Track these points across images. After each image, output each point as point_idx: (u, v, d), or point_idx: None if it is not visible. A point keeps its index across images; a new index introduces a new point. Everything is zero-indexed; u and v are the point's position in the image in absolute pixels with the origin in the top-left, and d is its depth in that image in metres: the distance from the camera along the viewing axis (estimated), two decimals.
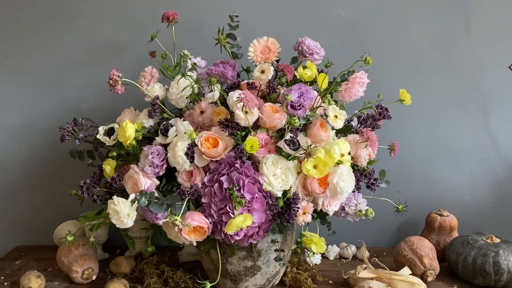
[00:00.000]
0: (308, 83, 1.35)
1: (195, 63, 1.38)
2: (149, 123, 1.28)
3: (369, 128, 1.29)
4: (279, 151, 1.14)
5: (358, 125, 1.30)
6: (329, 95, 1.29)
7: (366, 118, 1.29)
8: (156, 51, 1.39)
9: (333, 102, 1.30)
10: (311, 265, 1.51)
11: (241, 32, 1.38)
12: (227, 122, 1.12)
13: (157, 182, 1.15)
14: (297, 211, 1.07)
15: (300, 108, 1.15)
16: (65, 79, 1.69)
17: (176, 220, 1.03)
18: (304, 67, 1.36)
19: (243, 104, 1.04)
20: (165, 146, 1.16)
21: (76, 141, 1.26)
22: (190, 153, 1.10)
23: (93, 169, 1.27)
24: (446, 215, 1.54)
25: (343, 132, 1.31)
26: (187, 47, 1.39)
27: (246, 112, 1.11)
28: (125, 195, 1.13)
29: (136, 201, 1.03)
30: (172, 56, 1.42)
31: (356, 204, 1.20)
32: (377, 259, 1.39)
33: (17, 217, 1.77)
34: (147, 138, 1.25)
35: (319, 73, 1.36)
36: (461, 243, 1.39)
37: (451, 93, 1.65)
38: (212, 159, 1.12)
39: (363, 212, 1.20)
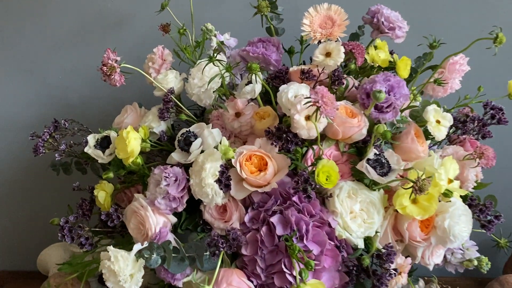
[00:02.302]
0: (378, 70, 0.97)
1: (222, 42, 0.99)
2: (160, 127, 0.90)
3: (472, 137, 0.90)
4: (356, 174, 0.76)
5: (455, 131, 0.92)
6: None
7: (469, 121, 0.89)
8: (170, 24, 0.99)
9: (420, 99, 0.92)
10: None
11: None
12: (280, 132, 0.74)
13: (174, 220, 0.77)
14: (394, 274, 0.69)
15: (389, 111, 0.76)
16: (49, 63, 1.30)
17: None
18: (375, 47, 0.97)
19: (318, 109, 0.64)
20: (186, 166, 0.78)
21: (56, 154, 0.88)
22: (224, 180, 0.72)
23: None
24: None
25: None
26: (207, 21, 1.00)
27: (310, 118, 0.72)
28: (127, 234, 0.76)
29: (144, 259, 0.66)
30: (189, 33, 1.03)
31: (463, 251, 0.82)
32: None
33: None
34: (156, 146, 0.87)
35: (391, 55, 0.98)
36: None
37: None
38: (258, 189, 0.74)
39: (474, 262, 0.82)
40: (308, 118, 0.72)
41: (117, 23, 1.25)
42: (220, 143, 0.72)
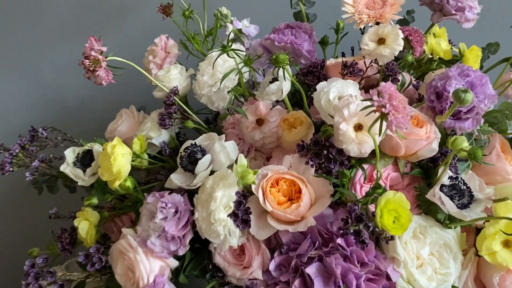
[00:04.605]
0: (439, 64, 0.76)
1: (240, 30, 0.80)
2: (160, 137, 0.71)
3: None
4: (424, 206, 0.55)
5: None
6: None
7: None
8: (172, 4, 0.78)
9: None
10: None
11: None
12: (318, 146, 0.54)
13: (174, 265, 0.58)
14: None
15: (469, 117, 0.55)
16: (41, 59, 1.16)
17: None
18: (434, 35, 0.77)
19: (383, 117, 0.43)
20: (190, 192, 0.58)
21: (27, 173, 0.69)
22: (241, 214, 0.52)
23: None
24: None
25: None
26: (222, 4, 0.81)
27: (360, 128, 0.51)
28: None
29: None
30: (200, 20, 0.84)
31: None
32: None
33: None
34: (155, 163, 0.68)
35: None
36: None
37: None
38: (287, 226, 0.53)
39: None
40: (359, 128, 0.52)
41: (118, 12, 1.11)
42: (236, 162, 0.52)
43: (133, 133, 0.75)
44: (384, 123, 0.42)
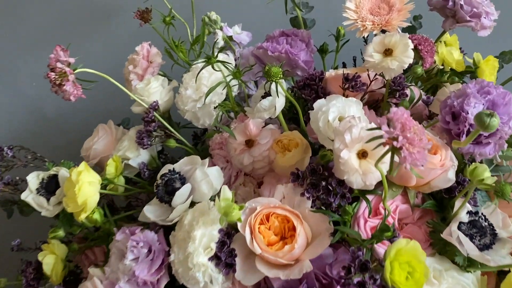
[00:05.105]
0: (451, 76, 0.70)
1: (231, 37, 0.72)
2: (139, 158, 0.63)
3: None
4: (439, 245, 0.47)
5: None
6: None
7: None
8: (151, 9, 0.70)
9: None
10: None
11: None
12: (315, 175, 0.46)
13: None
14: None
15: (490, 142, 0.47)
16: (20, 67, 1.10)
17: None
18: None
19: (394, 151, 0.35)
20: (167, 228, 0.50)
21: None
22: (225, 257, 0.45)
23: None
24: None
25: None
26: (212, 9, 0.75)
27: (365, 156, 0.43)
28: None
29: None
30: (187, 25, 0.76)
31: None
32: None
33: None
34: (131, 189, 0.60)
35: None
36: None
37: None
38: (279, 271, 0.45)
39: None
40: (363, 155, 0.44)
41: (103, 17, 1.04)
42: (219, 195, 0.44)
43: (110, 152, 0.68)
44: (396, 157, 0.34)
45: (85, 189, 0.49)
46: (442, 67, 0.69)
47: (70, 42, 1.07)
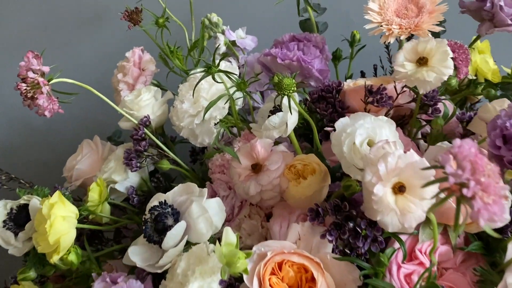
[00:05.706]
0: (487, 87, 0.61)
1: (234, 42, 0.64)
2: (127, 181, 0.54)
3: None
4: None
5: None
6: None
7: None
8: (141, 10, 0.61)
9: None
10: None
11: None
12: (340, 212, 0.37)
13: None
14: None
15: None
16: (4, 73, 0.98)
17: None
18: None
19: (462, 199, 0.26)
20: (157, 277, 0.41)
21: None
22: None
23: None
24: None
25: None
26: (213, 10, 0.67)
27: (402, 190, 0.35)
28: None
29: None
30: (184, 28, 0.68)
31: None
32: None
33: None
34: (119, 221, 0.51)
35: None
36: None
37: None
38: None
39: None
40: (399, 189, 0.35)
41: (93, 20, 0.96)
42: (219, 239, 0.36)
43: (95, 172, 0.59)
44: (463, 208, 0.25)
45: (58, 225, 0.41)
46: (474, 77, 0.61)
47: (57, 46, 0.99)
